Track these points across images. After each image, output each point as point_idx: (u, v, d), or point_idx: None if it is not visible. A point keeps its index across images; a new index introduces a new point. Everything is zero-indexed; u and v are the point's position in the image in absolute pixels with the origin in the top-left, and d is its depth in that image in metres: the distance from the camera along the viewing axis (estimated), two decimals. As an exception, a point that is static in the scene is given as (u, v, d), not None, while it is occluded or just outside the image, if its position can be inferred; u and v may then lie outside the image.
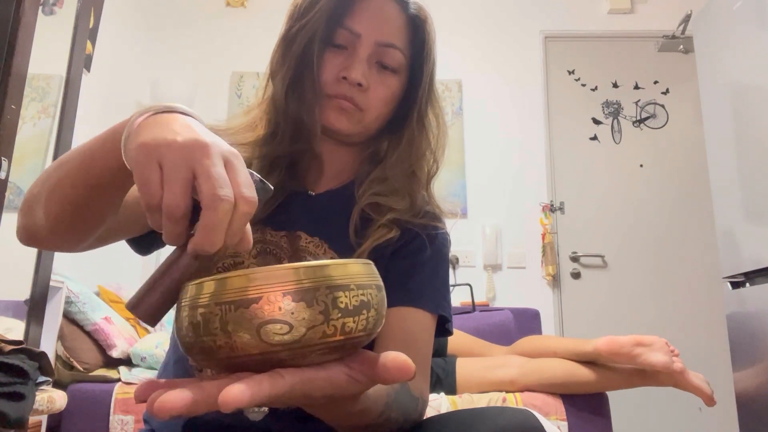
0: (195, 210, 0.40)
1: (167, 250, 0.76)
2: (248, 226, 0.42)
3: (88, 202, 0.53)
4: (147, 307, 0.42)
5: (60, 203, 0.54)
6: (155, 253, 0.79)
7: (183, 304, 0.39)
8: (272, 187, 0.45)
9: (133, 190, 0.60)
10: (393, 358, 0.39)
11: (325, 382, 0.38)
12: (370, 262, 0.42)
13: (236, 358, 0.37)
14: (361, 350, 0.41)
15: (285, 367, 0.36)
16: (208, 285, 0.37)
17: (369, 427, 0.53)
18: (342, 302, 0.37)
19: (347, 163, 0.80)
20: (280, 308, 0.35)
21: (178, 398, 0.33)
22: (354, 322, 0.37)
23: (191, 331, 0.37)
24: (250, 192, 0.40)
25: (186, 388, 0.34)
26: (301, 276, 0.37)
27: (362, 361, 0.40)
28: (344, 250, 0.72)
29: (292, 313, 0.35)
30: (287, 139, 0.74)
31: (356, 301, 0.38)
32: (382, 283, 0.42)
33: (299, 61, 0.73)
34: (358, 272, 0.39)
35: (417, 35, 0.76)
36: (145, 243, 0.75)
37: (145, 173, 0.40)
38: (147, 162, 0.40)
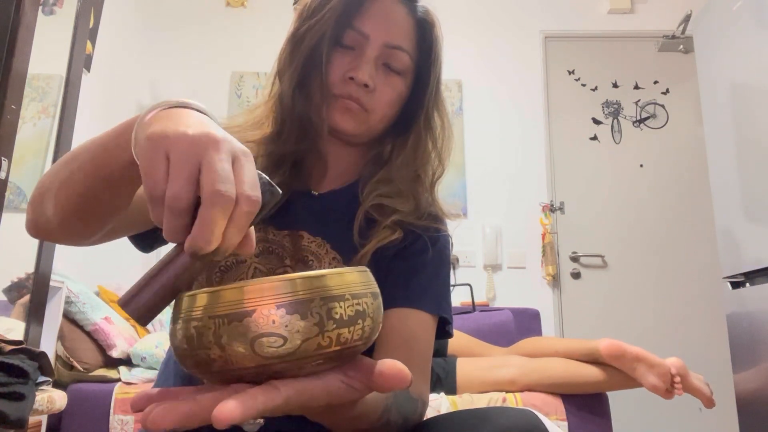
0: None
1: (168, 249, 0.75)
2: (251, 230, 0.40)
3: (99, 195, 0.53)
4: (139, 306, 0.39)
5: (71, 196, 0.54)
6: (156, 251, 0.77)
7: (177, 316, 0.38)
8: (281, 191, 0.43)
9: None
10: (390, 366, 0.38)
11: (322, 392, 0.37)
12: (366, 269, 0.42)
13: (231, 371, 0.36)
14: (359, 357, 0.41)
15: (281, 378, 0.36)
16: (201, 297, 0.37)
17: (369, 430, 0.53)
18: (337, 313, 0.36)
19: (351, 164, 0.80)
20: (273, 321, 0.35)
21: (171, 412, 0.33)
22: (350, 332, 0.37)
23: (186, 344, 0.37)
24: (254, 191, 0.38)
25: (180, 401, 0.34)
26: (296, 287, 0.36)
27: (359, 368, 0.39)
28: (346, 250, 0.72)
29: (286, 326, 0.35)
30: (293, 138, 0.75)
31: (351, 311, 0.37)
32: (378, 291, 0.42)
33: (307, 61, 0.73)
34: (353, 281, 0.39)
35: (424, 38, 0.77)
36: (148, 240, 0.74)
37: (151, 163, 0.39)
38: (154, 152, 0.39)
